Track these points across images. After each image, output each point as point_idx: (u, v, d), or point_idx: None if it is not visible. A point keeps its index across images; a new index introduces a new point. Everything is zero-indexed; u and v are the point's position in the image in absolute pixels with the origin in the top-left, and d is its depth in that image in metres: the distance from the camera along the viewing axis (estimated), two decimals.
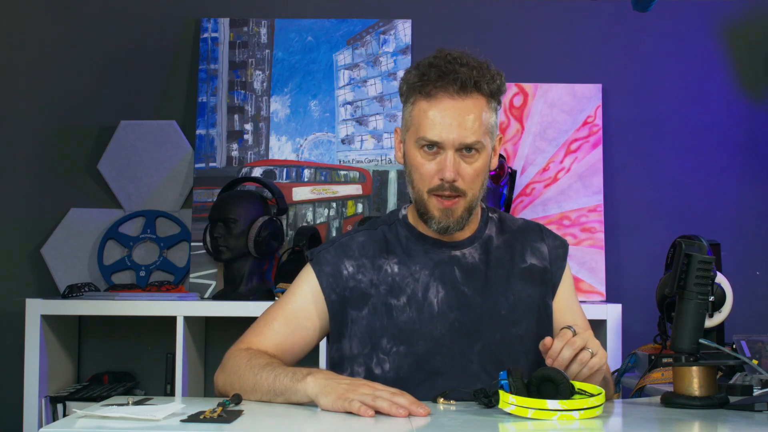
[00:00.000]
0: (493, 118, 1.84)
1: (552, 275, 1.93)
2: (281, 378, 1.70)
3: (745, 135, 3.18)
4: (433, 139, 1.79)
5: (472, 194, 1.83)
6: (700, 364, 1.72)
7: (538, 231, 1.97)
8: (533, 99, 3.14)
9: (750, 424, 1.57)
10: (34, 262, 3.15)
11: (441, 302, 1.85)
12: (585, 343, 1.66)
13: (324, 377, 1.66)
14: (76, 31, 3.24)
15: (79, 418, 1.49)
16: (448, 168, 1.79)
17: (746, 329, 2.54)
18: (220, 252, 2.90)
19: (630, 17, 3.01)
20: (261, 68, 3.17)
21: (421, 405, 1.58)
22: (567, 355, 1.65)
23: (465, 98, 1.79)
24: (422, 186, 1.83)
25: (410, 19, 3.19)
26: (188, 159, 3.14)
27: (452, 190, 1.81)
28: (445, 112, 1.78)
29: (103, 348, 3.13)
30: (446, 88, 1.78)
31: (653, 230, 3.14)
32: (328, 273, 1.88)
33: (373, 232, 1.93)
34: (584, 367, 1.65)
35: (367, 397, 1.58)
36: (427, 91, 1.80)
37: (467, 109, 1.79)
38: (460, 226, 1.85)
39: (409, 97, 1.84)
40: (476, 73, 1.79)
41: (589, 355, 1.66)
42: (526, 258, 1.92)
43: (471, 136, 1.78)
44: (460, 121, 1.78)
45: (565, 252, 1.96)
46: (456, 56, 1.81)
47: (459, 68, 1.79)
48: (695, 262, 1.71)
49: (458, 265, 1.88)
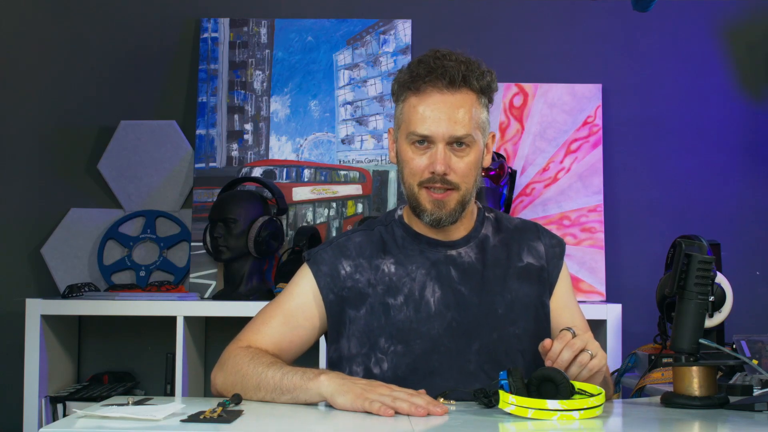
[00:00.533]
0: (484, 114, 1.85)
1: (549, 274, 1.93)
2: (290, 376, 1.70)
3: (745, 135, 3.18)
4: (423, 133, 1.80)
5: (465, 188, 1.83)
6: (700, 364, 1.72)
7: (535, 230, 1.97)
8: (533, 99, 3.14)
9: (750, 424, 1.57)
10: (34, 262, 3.15)
11: (438, 302, 1.86)
12: (585, 344, 1.66)
13: (338, 377, 1.67)
14: (76, 31, 3.24)
15: (79, 418, 1.49)
16: (439, 161, 1.79)
17: (746, 329, 2.54)
18: (220, 252, 2.90)
19: (630, 17, 3.01)
20: (261, 68, 3.17)
21: (439, 404, 1.60)
22: (566, 357, 1.65)
23: (454, 93, 1.80)
24: (413, 180, 1.83)
25: (410, 19, 3.19)
26: (188, 159, 3.15)
27: (443, 183, 1.81)
28: (435, 106, 1.80)
29: (103, 348, 3.13)
30: (435, 83, 1.80)
31: (653, 230, 3.13)
32: (325, 273, 1.89)
33: (369, 233, 1.94)
34: (584, 369, 1.65)
35: (386, 398, 1.59)
36: (416, 87, 1.81)
37: (457, 103, 1.80)
38: (452, 218, 1.85)
39: (400, 95, 1.86)
40: (464, 67, 1.81)
41: (589, 356, 1.66)
42: (522, 257, 1.92)
43: (461, 129, 1.79)
44: (449, 115, 1.79)
45: (562, 251, 1.97)
46: (445, 53, 1.83)
47: (447, 63, 1.80)
48: (695, 262, 1.71)
49: (454, 264, 1.88)
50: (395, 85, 1.87)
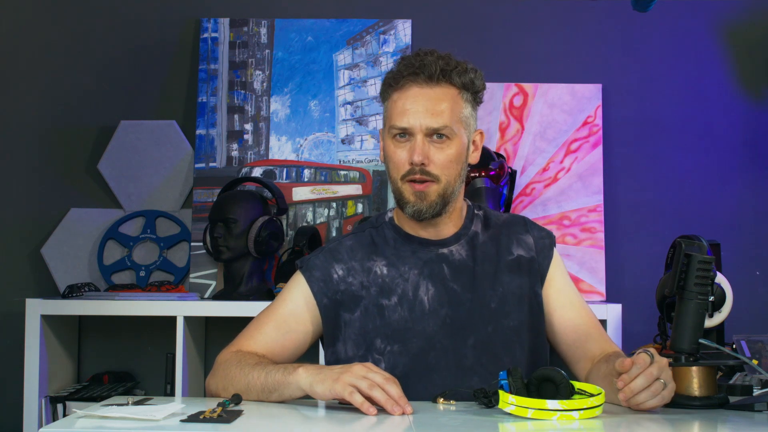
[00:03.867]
0: (467, 110, 1.87)
1: (539, 265, 1.94)
2: (273, 374, 1.71)
3: (745, 135, 3.18)
4: (401, 125, 1.83)
5: (445, 180, 1.84)
6: (700, 364, 1.72)
7: (523, 223, 2.00)
8: (533, 99, 3.14)
9: (750, 424, 1.57)
10: (34, 262, 3.15)
11: (431, 300, 1.87)
12: (660, 373, 1.62)
13: (315, 368, 1.68)
14: (76, 31, 3.24)
15: (79, 418, 1.49)
16: (417, 151, 1.81)
17: (746, 329, 2.54)
18: (220, 252, 2.90)
19: (630, 17, 3.01)
20: (261, 68, 3.17)
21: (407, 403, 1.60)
22: (640, 384, 1.61)
23: (434, 87, 1.83)
24: (396, 174, 1.86)
25: (410, 19, 3.19)
26: (188, 159, 3.14)
27: (423, 173, 1.83)
28: (413, 99, 1.83)
29: (103, 348, 3.13)
30: (414, 78, 1.83)
31: (653, 230, 3.13)
32: (318, 278, 1.90)
33: (360, 235, 1.96)
34: (655, 397, 1.62)
35: (362, 383, 1.59)
36: (397, 84, 1.85)
37: (435, 97, 1.83)
38: (433, 211, 1.85)
39: (385, 95, 1.90)
40: (443, 63, 1.84)
41: (662, 386, 1.62)
42: (512, 250, 1.94)
43: (438, 120, 1.82)
44: (427, 107, 1.82)
45: (552, 242, 1.98)
46: (427, 51, 1.87)
47: (427, 59, 1.84)
48: (695, 262, 1.71)
49: (446, 262, 1.90)
50: (382, 86, 1.91)
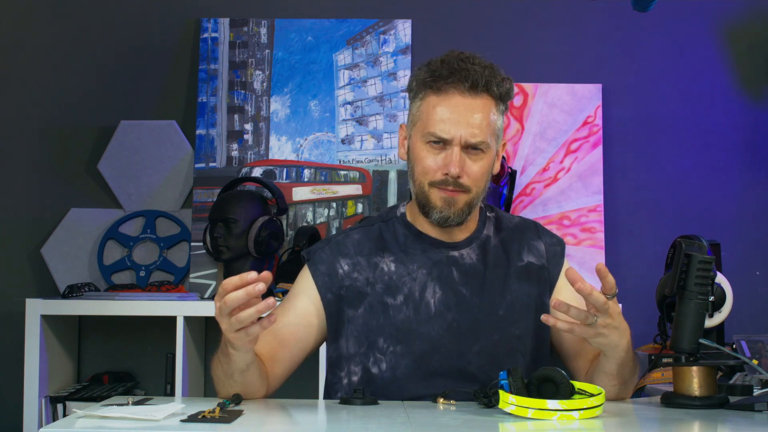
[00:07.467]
0: (500, 121, 1.85)
1: (549, 273, 1.92)
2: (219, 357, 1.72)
3: (745, 135, 3.18)
4: (440, 135, 1.79)
5: (475, 191, 1.83)
6: (700, 364, 1.72)
7: (535, 229, 1.97)
8: (533, 99, 3.14)
9: (750, 424, 1.57)
10: (34, 262, 3.15)
11: (438, 303, 1.85)
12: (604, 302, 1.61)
13: None
14: (76, 31, 3.24)
15: (79, 418, 1.49)
16: (454, 163, 1.79)
17: (746, 329, 2.54)
18: (220, 252, 2.90)
19: (630, 17, 3.01)
20: (261, 68, 3.17)
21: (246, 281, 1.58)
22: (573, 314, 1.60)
23: (475, 97, 1.80)
24: (424, 179, 1.83)
25: (410, 19, 3.19)
26: (188, 159, 3.14)
27: (456, 185, 1.81)
28: (455, 108, 1.79)
29: (103, 348, 3.13)
30: (457, 86, 1.79)
31: (653, 230, 3.13)
32: (323, 272, 1.89)
33: (369, 229, 1.93)
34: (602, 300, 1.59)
35: (224, 321, 1.60)
36: (437, 87, 1.81)
37: (476, 108, 1.80)
38: (460, 219, 1.84)
39: (419, 92, 1.85)
40: (488, 72, 1.80)
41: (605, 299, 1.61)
42: (523, 256, 1.92)
43: (478, 135, 1.79)
44: (468, 119, 1.79)
45: (562, 249, 1.97)
46: (468, 56, 1.83)
47: (471, 66, 1.80)
48: (695, 262, 1.71)
49: (456, 265, 1.88)
50: (413, 81, 1.86)
